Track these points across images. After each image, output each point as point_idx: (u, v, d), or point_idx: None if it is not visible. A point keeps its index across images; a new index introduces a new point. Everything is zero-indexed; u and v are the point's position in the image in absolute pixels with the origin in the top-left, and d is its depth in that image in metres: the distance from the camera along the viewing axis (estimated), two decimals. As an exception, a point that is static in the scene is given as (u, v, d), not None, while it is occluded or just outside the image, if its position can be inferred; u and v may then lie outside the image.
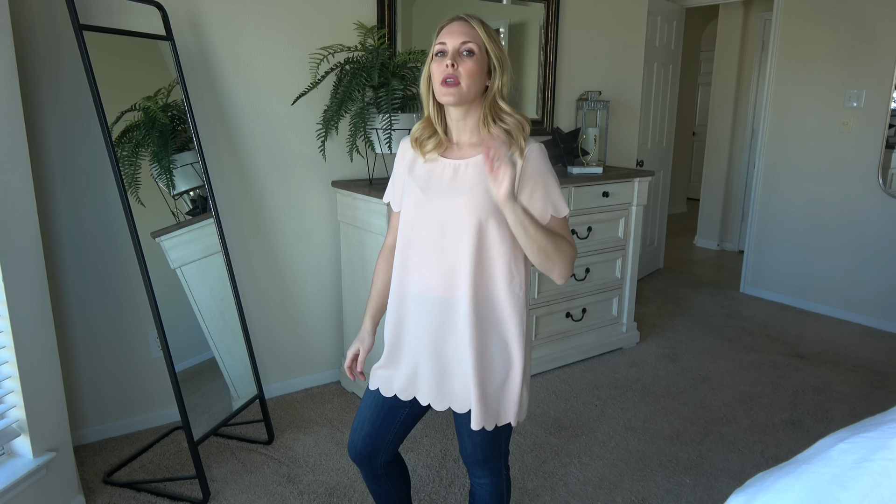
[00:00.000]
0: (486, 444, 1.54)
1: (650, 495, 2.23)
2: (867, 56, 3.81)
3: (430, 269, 1.44)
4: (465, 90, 1.38)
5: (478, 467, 1.60)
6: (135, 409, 2.61)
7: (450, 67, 1.37)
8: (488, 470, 1.60)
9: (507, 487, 1.67)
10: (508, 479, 1.67)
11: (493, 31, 1.42)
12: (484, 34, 1.39)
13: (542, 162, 1.41)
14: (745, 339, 3.72)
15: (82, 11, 2.13)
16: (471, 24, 1.39)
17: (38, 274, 1.90)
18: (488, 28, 1.41)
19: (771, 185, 4.40)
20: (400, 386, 1.54)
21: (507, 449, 1.62)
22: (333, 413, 2.79)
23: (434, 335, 1.46)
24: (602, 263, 3.33)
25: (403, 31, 2.93)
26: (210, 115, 2.56)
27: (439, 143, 1.47)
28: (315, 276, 2.95)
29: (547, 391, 3.01)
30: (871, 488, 1.01)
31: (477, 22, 1.40)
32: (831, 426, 2.70)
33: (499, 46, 1.41)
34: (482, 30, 1.39)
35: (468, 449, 1.56)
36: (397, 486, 1.70)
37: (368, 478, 1.66)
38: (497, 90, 1.42)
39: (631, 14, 3.84)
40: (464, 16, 1.42)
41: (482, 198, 1.38)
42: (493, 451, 1.57)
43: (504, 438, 1.57)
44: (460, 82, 1.37)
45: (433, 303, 1.45)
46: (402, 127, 2.54)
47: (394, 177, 1.59)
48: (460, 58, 1.38)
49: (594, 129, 3.58)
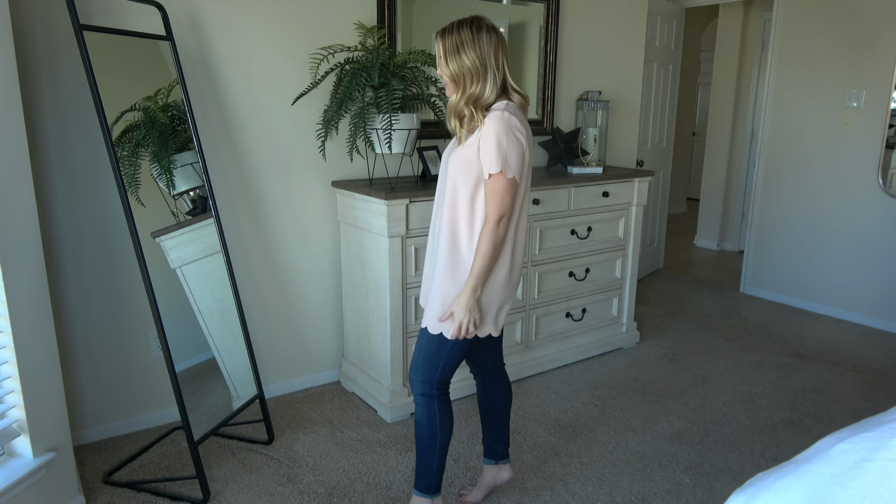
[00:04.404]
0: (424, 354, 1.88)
1: (650, 495, 2.23)
2: (867, 56, 3.81)
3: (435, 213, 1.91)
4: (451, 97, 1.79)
5: (414, 374, 1.92)
6: (135, 409, 2.61)
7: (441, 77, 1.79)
8: (420, 382, 1.89)
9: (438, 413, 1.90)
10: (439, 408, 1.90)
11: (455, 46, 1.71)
12: (443, 54, 1.73)
13: (493, 125, 1.69)
14: (745, 339, 3.72)
15: (82, 11, 2.13)
16: (437, 43, 1.75)
17: (38, 274, 1.90)
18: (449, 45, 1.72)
19: (771, 185, 4.40)
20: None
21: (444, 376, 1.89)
22: (333, 413, 2.79)
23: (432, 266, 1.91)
24: (602, 263, 3.33)
25: (403, 31, 2.93)
26: (210, 115, 2.56)
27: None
28: (315, 276, 2.95)
29: (547, 391, 3.01)
30: (871, 488, 1.01)
31: (440, 41, 1.74)
32: (831, 426, 2.70)
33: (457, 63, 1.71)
34: (442, 50, 1.73)
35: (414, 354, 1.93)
36: (498, 396, 2.12)
37: (480, 384, 2.13)
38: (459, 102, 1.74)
39: (631, 14, 3.84)
40: (439, 32, 1.75)
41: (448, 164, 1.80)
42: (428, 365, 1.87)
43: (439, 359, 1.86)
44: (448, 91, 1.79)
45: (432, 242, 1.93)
46: (402, 127, 2.54)
47: None
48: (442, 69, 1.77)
49: (594, 129, 3.58)
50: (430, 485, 1.96)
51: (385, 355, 2.68)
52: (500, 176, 1.70)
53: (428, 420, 1.91)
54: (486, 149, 1.69)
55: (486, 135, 1.70)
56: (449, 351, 1.85)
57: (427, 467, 1.95)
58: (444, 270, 1.81)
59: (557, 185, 3.01)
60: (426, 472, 1.95)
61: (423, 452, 1.94)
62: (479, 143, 1.71)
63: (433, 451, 1.93)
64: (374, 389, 2.79)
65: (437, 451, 1.93)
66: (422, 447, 1.94)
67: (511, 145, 1.69)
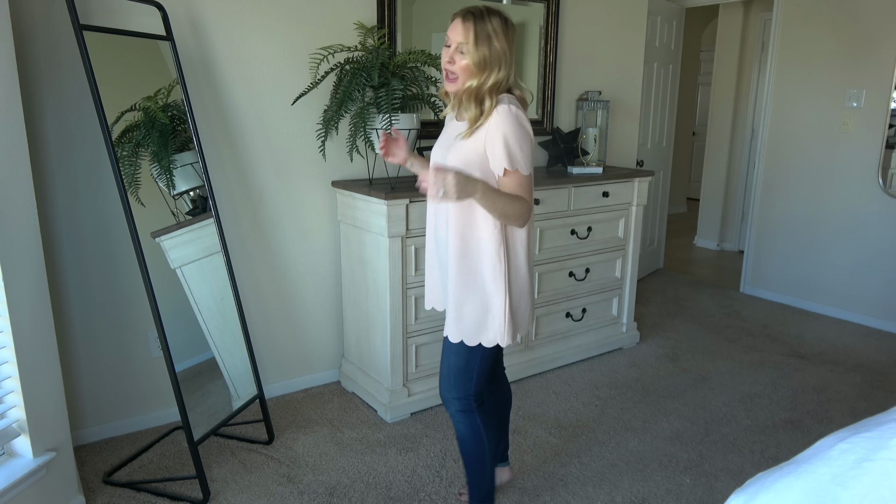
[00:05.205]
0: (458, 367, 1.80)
1: (650, 495, 2.23)
2: (867, 56, 3.81)
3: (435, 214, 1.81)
4: (461, 84, 1.65)
5: (448, 392, 1.84)
6: (135, 409, 2.61)
7: (449, 63, 1.64)
8: (457, 399, 1.82)
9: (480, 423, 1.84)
10: (479, 418, 1.83)
11: (487, 33, 1.60)
12: (472, 38, 1.60)
13: (501, 120, 1.61)
14: (745, 339, 3.72)
15: (82, 11, 2.13)
16: (465, 27, 1.61)
17: (38, 274, 1.90)
18: (480, 30, 1.59)
19: (771, 185, 4.40)
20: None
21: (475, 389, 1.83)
22: (333, 413, 2.79)
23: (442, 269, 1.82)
24: (602, 263, 3.33)
25: (403, 31, 2.93)
26: (210, 115, 2.56)
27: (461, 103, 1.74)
28: (315, 276, 2.95)
29: (547, 391, 3.01)
30: (871, 488, 1.01)
31: (471, 24, 1.60)
32: (831, 426, 2.70)
33: (488, 49, 1.60)
34: (472, 34, 1.60)
35: (444, 370, 1.84)
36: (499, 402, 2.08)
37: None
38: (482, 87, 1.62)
39: (631, 14, 3.84)
40: (465, 15, 1.62)
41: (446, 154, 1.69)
42: (462, 377, 1.80)
43: (473, 370, 1.80)
44: (458, 77, 1.64)
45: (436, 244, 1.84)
46: (403, 127, 2.54)
47: None
48: (457, 55, 1.63)
49: (594, 129, 3.58)
50: (486, 494, 1.94)
51: (385, 355, 2.68)
52: (516, 173, 1.64)
53: (473, 434, 1.85)
54: (498, 146, 1.61)
55: (497, 131, 1.61)
56: (480, 361, 1.79)
57: (480, 480, 1.91)
58: (457, 278, 1.73)
59: (557, 185, 3.01)
60: (480, 485, 1.91)
61: (474, 466, 1.89)
62: (488, 140, 1.62)
63: (483, 461, 1.89)
64: (375, 389, 2.79)
65: (488, 461, 1.89)
66: (471, 462, 1.89)
67: (525, 140, 1.64)
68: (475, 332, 1.76)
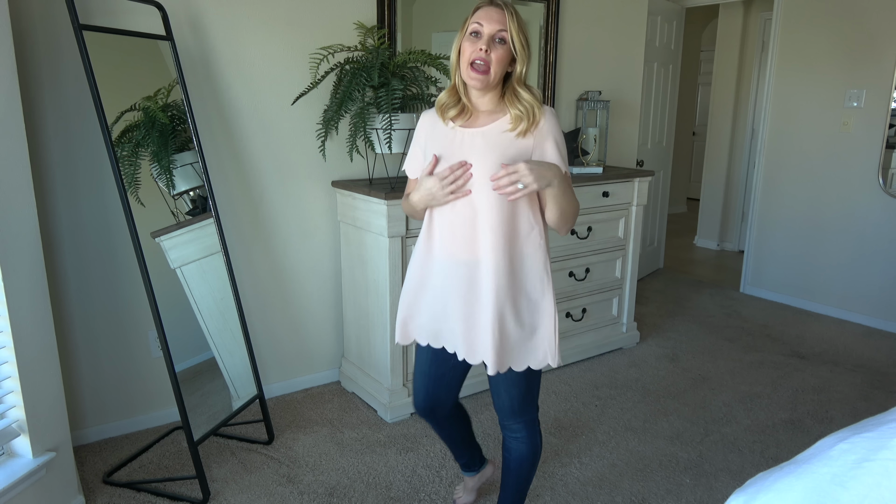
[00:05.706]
0: (521, 396, 1.68)
1: (650, 495, 2.23)
2: (867, 56, 3.81)
3: (455, 233, 1.58)
4: (493, 77, 1.50)
5: (513, 420, 1.73)
6: (135, 409, 2.61)
7: (482, 52, 1.48)
8: (523, 422, 1.73)
9: (540, 439, 1.79)
10: (540, 432, 1.79)
11: (521, 21, 1.53)
12: (514, 24, 1.50)
13: (553, 123, 1.56)
14: (745, 339, 3.72)
15: (82, 11, 2.13)
16: (505, 13, 1.50)
17: (38, 274, 1.90)
18: (519, 18, 1.51)
19: (771, 185, 4.40)
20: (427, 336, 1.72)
21: (537, 404, 1.76)
22: (333, 413, 2.79)
23: (462, 297, 1.59)
24: (602, 263, 3.33)
25: (403, 31, 2.92)
26: (210, 115, 2.56)
27: (462, 110, 1.59)
28: (315, 276, 2.95)
29: (547, 391, 3.01)
30: (872, 488, 1.01)
31: (510, 11, 1.51)
32: (831, 426, 2.70)
33: (526, 37, 1.53)
34: (512, 21, 1.50)
35: (504, 402, 1.71)
36: (459, 427, 1.95)
37: (434, 426, 1.90)
38: (518, 76, 1.54)
39: (631, 14, 3.83)
40: (494, 2, 1.52)
41: (498, 161, 1.50)
42: (528, 402, 1.71)
43: (536, 389, 1.72)
44: (489, 70, 1.49)
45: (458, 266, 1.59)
46: (402, 127, 2.54)
47: (414, 147, 1.70)
48: (493, 44, 1.49)
49: (594, 129, 3.58)
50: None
51: (385, 355, 2.68)
52: (566, 175, 1.55)
53: (534, 452, 1.77)
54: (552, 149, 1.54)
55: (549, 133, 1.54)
56: (539, 378, 1.71)
57: (525, 495, 1.87)
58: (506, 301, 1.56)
59: (557, 185, 3.01)
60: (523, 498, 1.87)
61: (527, 483, 1.83)
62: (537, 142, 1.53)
63: (533, 474, 1.83)
64: (375, 389, 2.79)
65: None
66: (527, 479, 1.82)
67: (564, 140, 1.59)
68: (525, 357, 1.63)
